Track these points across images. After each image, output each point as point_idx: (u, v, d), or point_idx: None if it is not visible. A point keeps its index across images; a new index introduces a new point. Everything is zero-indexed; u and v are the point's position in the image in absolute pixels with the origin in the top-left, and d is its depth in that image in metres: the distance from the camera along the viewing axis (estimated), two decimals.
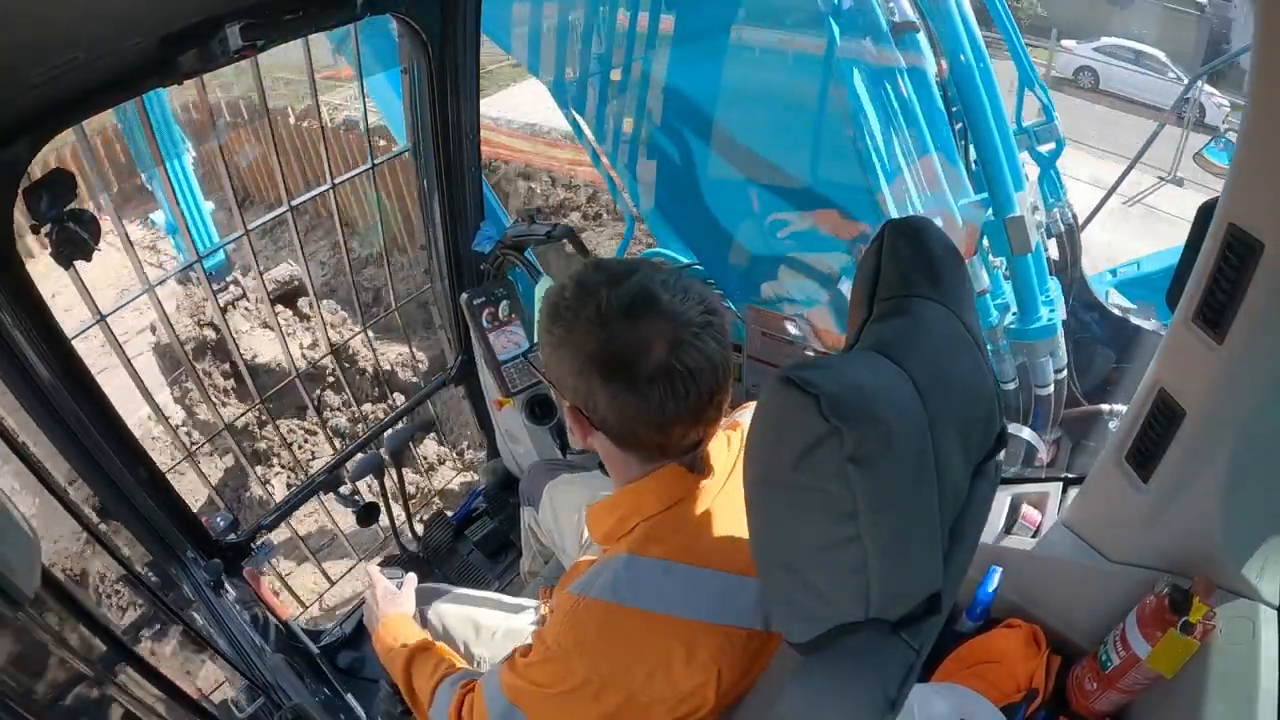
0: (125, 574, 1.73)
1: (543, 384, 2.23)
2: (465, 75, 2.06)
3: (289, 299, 8.30)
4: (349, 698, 2.08)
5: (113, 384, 1.81)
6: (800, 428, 0.70)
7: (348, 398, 7.88)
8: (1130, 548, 1.42)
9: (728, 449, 1.11)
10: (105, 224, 1.76)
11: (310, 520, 6.79)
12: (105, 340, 1.87)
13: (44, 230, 1.45)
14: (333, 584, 3.52)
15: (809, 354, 2.11)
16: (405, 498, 2.64)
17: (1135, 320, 3.44)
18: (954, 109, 2.64)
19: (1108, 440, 1.48)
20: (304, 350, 8.53)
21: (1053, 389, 3.11)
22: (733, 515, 0.96)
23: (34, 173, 1.42)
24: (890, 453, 0.69)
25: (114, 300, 1.96)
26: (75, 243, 1.47)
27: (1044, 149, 3.22)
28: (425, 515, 2.94)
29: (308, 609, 3.39)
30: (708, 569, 1.01)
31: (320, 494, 2.40)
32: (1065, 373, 3.14)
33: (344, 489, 2.40)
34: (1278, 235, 1.01)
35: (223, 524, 2.11)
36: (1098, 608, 1.47)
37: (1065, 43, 12.28)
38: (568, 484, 1.84)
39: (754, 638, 1.01)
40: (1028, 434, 2.78)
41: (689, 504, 1.04)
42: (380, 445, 2.55)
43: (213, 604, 1.94)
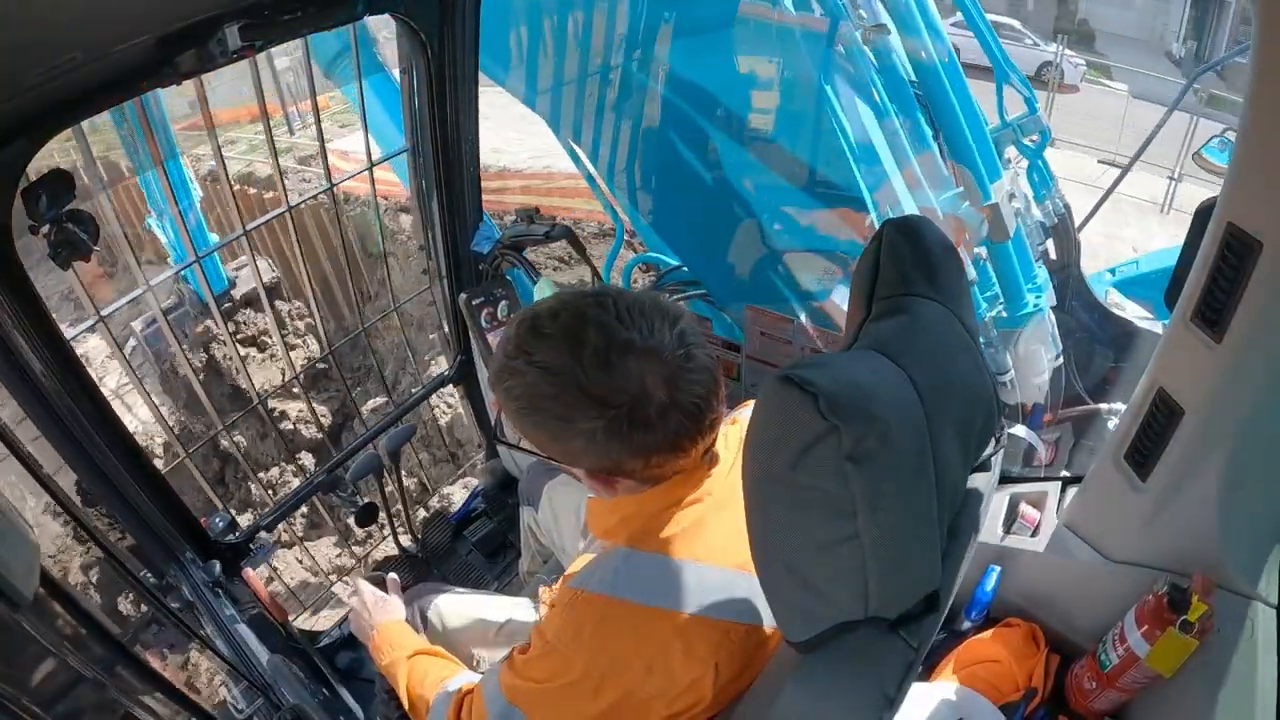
0: (124, 575, 1.72)
1: None
2: (464, 75, 2.06)
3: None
4: (348, 698, 2.08)
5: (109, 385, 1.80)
6: (799, 426, 0.70)
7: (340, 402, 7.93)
8: (1129, 547, 1.42)
9: (725, 445, 1.11)
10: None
11: (309, 521, 6.81)
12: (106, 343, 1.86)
13: (42, 231, 1.45)
14: (332, 584, 3.52)
15: (808, 353, 2.11)
16: (404, 498, 2.64)
17: (1134, 319, 3.45)
18: (927, 106, 2.66)
19: (1106, 439, 1.48)
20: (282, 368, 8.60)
21: (1048, 376, 3.10)
22: (731, 511, 0.96)
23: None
24: (888, 451, 0.69)
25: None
26: (74, 243, 1.46)
27: (1029, 141, 3.23)
28: (424, 515, 2.94)
29: (306, 609, 3.39)
30: (706, 564, 1.01)
31: (319, 494, 2.40)
32: (1061, 360, 3.14)
33: (342, 489, 2.40)
34: (1276, 234, 1.01)
35: (221, 524, 2.10)
36: (1096, 607, 1.48)
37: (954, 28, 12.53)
38: (567, 484, 1.84)
39: (752, 633, 1.01)
40: (1026, 433, 2.78)
41: (688, 500, 1.04)
42: (378, 446, 2.55)
43: (211, 605, 1.93)
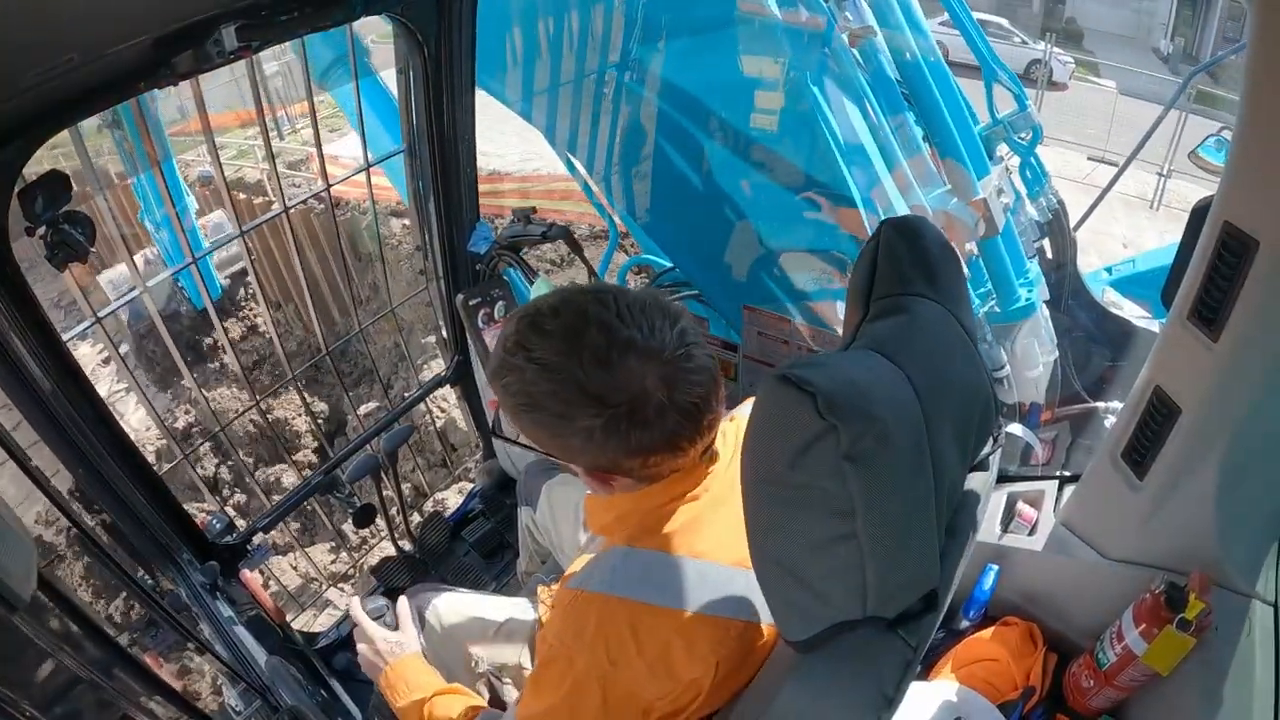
0: (121, 577, 1.72)
1: None
2: (460, 75, 2.06)
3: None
4: (346, 699, 2.07)
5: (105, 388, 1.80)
6: (796, 425, 0.70)
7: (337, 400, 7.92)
8: (1126, 545, 1.42)
9: (724, 441, 1.11)
10: None
11: (307, 522, 6.80)
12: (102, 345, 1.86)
13: (39, 233, 1.44)
14: (330, 586, 3.52)
15: (805, 353, 2.12)
16: (401, 499, 2.64)
17: (1131, 318, 3.45)
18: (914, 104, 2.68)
19: (1104, 438, 1.48)
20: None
21: (1042, 371, 3.10)
22: (729, 507, 0.96)
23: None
24: (886, 450, 0.69)
25: None
26: (70, 245, 1.46)
27: (1021, 138, 3.24)
28: (421, 516, 2.94)
29: (304, 611, 3.39)
30: (704, 561, 1.01)
31: (316, 495, 2.39)
32: (1055, 355, 3.15)
33: (340, 490, 2.39)
34: (1273, 233, 1.02)
35: (218, 526, 2.10)
36: (1094, 605, 1.48)
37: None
38: (565, 483, 1.84)
39: (750, 630, 1.01)
40: (1023, 431, 2.78)
41: (686, 497, 1.04)
42: (376, 447, 2.54)
43: (209, 606, 1.93)
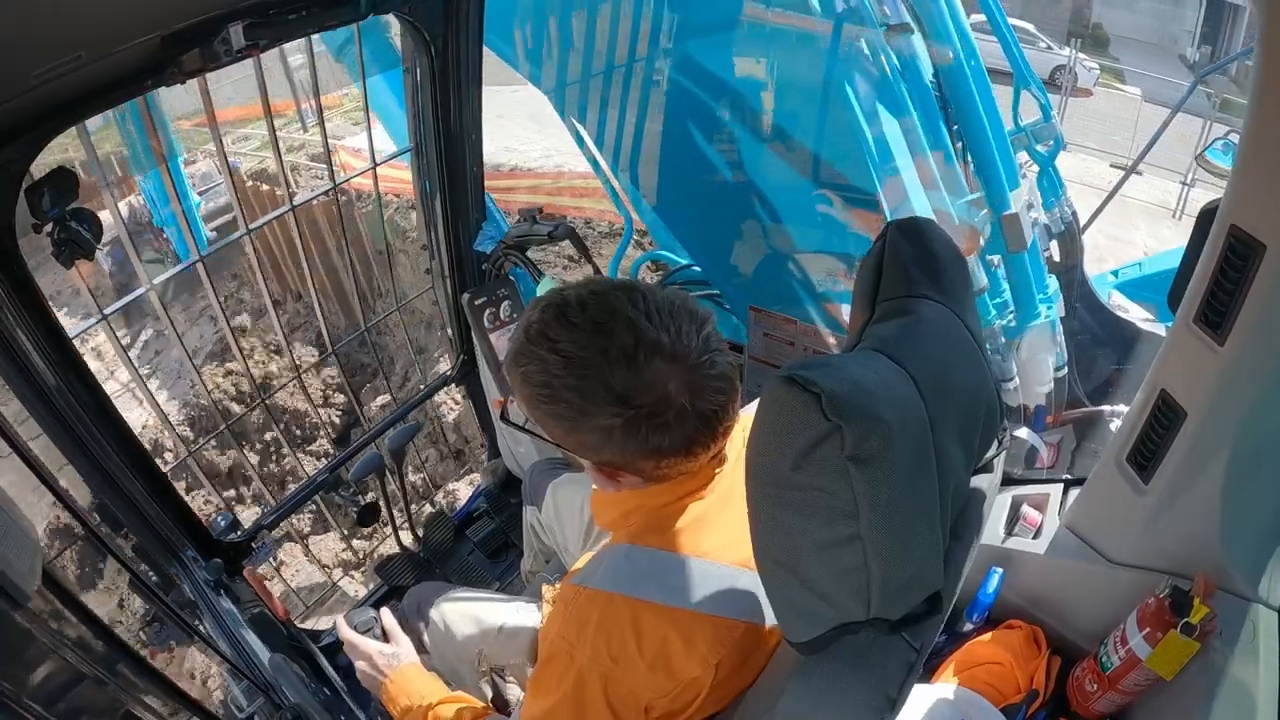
0: (126, 574, 1.73)
1: None
2: (467, 75, 2.06)
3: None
4: (349, 698, 2.08)
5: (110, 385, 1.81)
6: (801, 426, 0.70)
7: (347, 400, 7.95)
8: (1131, 549, 1.42)
9: (730, 441, 1.11)
10: None
11: (311, 520, 6.82)
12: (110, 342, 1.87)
13: (45, 229, 1.45)
14: (334, 584, 3.53)
15: (811, 354, 2.11)
16: (406, 498, 2.64)
17: (1137, 321, 3.44)
18: (948, 109, 2.64)
19: (1108, 441, 1.48)
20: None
21: (1052, 387, 3.10)
22: (734, 508, 0.96)
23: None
24: (891, 452, 0.69)
25: None
26: (77, 242, 1.47)
27: (1042, 148, 3.22)
28: (426, 515, 2.94)
29: (309, 608, 3.39)
30: (707, 561, 1.01)
31: (321, 494, 2.40)
32: (1065, 371, 3.14)
33: (345, 489, 2.40)
34: None
35: (223, 523, 2.11)
36: (1098, 609, 1.47)
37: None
38: (570, 483, 1.84)
39: (751, 631, 1.01)
40: (1028, 435, 2.77)
41: (691, 496, 1.04)
42: (380, 445, 2.55)
43: (213, 604, 1.94)
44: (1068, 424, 3.24)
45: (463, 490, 6.15)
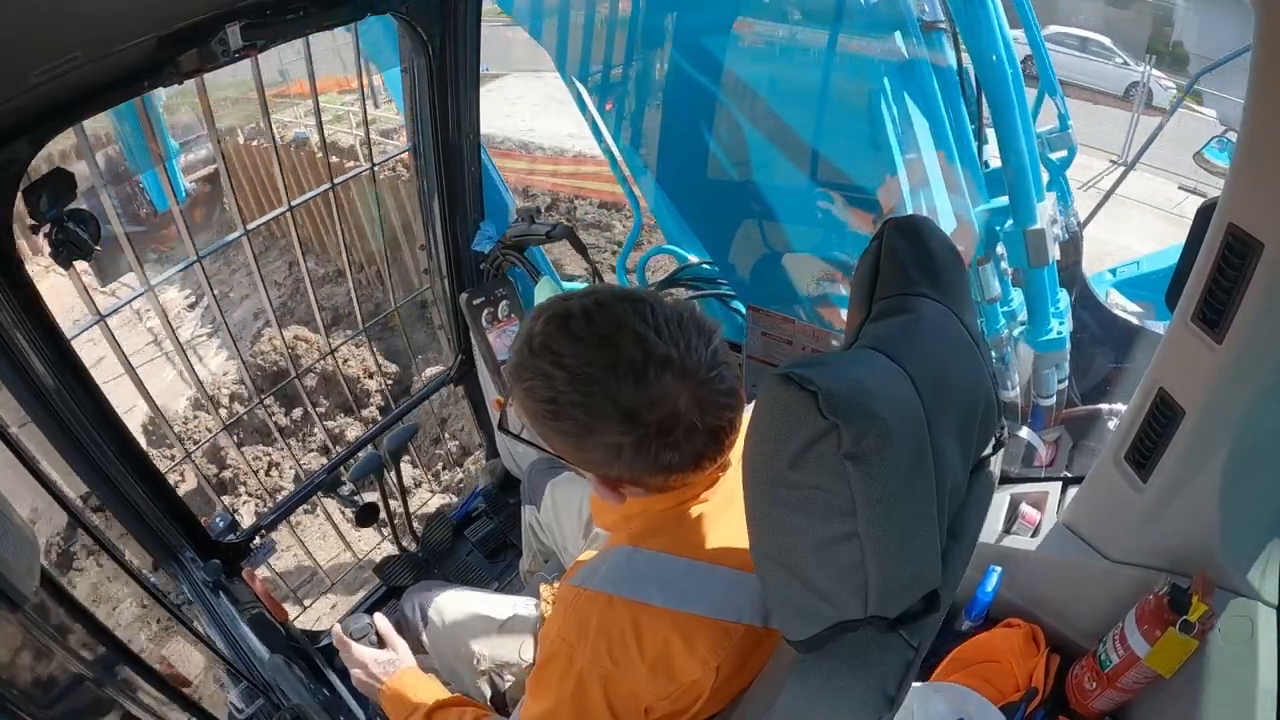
0: (124, 575, 1.72)
1: None
2: (465, 75, 2.06)
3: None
4: (348, 698, 2.08)
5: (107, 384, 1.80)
6: (798, 425, 0.70)
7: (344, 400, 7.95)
8: (1129, 547, 1.42)
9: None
10: None
11: (310, 520, 6.81)
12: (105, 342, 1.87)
13: (43, 230, 1.45)
14: (332, 584, 3.52)
15: (809, 353, 2.11)
16: (404, 498, 2.64)
17: (1135, 320, 3.45)
18: (972, 111, 2.62)
19: (1107, 440, 1.48)
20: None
21: (1054, 400, 3.11)
22: (733, 511, 0.96)
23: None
24: (888, 450, 0.69)
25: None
26: (75, 242, 1.47)
27: (1056, 156, 3.21)
28: (424, 515, 2.94)
29: (307, 609, 3.39)
30: (707, 563, 1.01)
31: (320, 494, 2.40)
32: (1067, 383, 3.15)
33: (343, 489, 2.40)
34: (1277, 235, 1.01)
35: (222, 524, 2.11)
36: (1097, 607, 1.47)
37: (1012, 31, 12.17)
38: (569, 482, 1.84)
39: (751, 633, 1.01)
40: (1027, 434, 2.78)
41: (692, 500, 1.04)
42: (380, 446, 2.55)
43: (212, 605, 1.94)
44: (1066, 422, 3.25)
45: (461, 490, 6.15)
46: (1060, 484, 1.72)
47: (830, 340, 1.99)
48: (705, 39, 2.48)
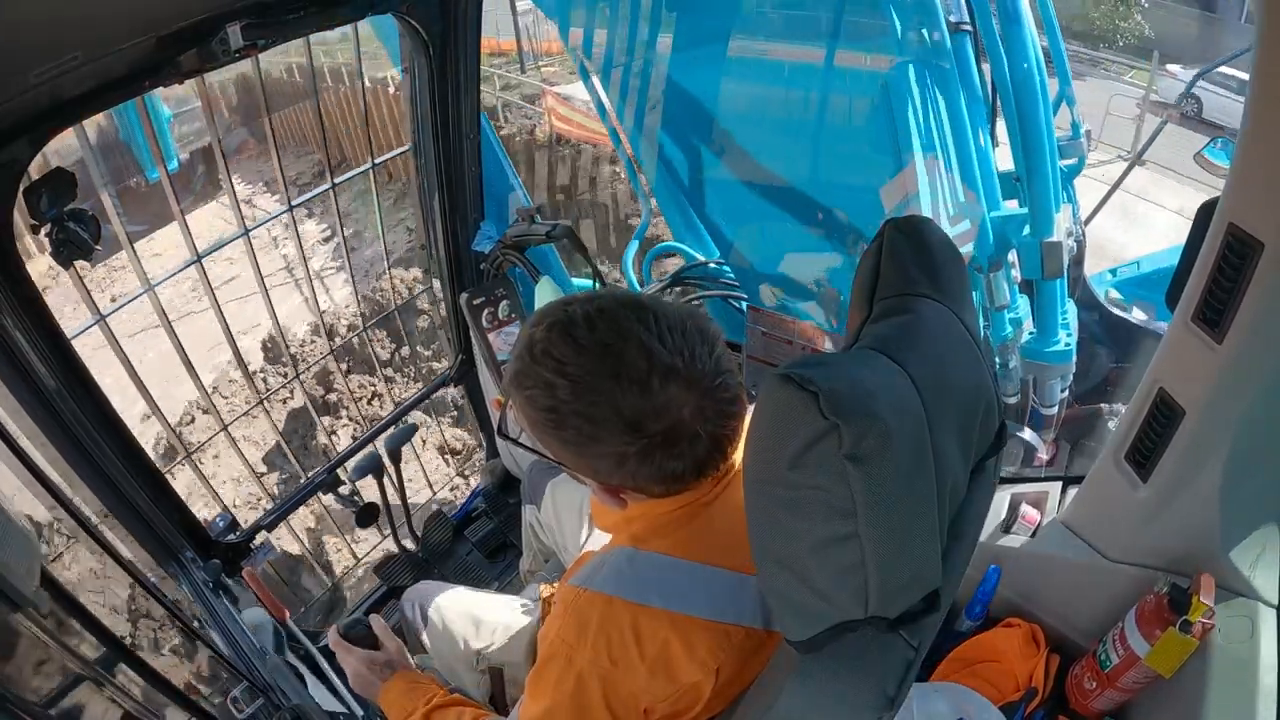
0: (124, 575, 1.72)
1: None
2: (465, 75, 2.06)
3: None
4: (349, 698, 2.07)
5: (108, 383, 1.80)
6: (799, 425, 0.69)
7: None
8: (1129, 547, 1.42)
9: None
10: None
11: (311, 520, 6.81)
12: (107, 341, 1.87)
13: (44, 230, 1.45)
14: (331, 584, 3.52)
15: (809, 353, 2.11)
16: (404, 498, 2.64)
17: (1135, 320, 3.45)
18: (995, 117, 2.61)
19: (1107, 439, 1.48)
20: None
21: (1056, 409, 3.11)
22: (734, 513, 0.96)
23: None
24: (889, 450, 0.69)
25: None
26: (75, 242, 1.47)
27: (1065, 164, 3.20)
28: (424, 515, 2.94)
29: (307, 609, 3.39)
30: (709, 566, 1.01)
31: (319, 494, 2.40)
32: (1068, 391, 3.15)
33: (343, 489, 2.40)
34: (1277, 235, 1.01)
35: (221, 524, 2.11)
36: (1097, 607, 1.47)
37: (1170, 68, 11.81)
38: (569, 482, 1.83)
39: (752, 636, 1.01)
40: (1027, 434, 2.78)
41: (694, 503, 1.04)
42: (379, 446, 2.55)
43: (212, 605, 1.93)
44: (1066, 422, 3.25)
45: (461, 490, 6.15)
46: (1060, 484, 1.72)
47: (830, 341, 1.99)
48: (720, 30, 2.48)
